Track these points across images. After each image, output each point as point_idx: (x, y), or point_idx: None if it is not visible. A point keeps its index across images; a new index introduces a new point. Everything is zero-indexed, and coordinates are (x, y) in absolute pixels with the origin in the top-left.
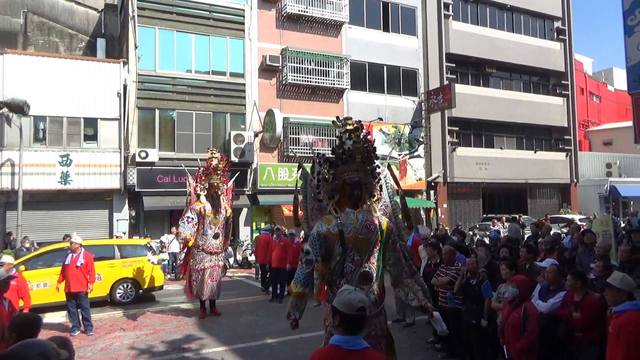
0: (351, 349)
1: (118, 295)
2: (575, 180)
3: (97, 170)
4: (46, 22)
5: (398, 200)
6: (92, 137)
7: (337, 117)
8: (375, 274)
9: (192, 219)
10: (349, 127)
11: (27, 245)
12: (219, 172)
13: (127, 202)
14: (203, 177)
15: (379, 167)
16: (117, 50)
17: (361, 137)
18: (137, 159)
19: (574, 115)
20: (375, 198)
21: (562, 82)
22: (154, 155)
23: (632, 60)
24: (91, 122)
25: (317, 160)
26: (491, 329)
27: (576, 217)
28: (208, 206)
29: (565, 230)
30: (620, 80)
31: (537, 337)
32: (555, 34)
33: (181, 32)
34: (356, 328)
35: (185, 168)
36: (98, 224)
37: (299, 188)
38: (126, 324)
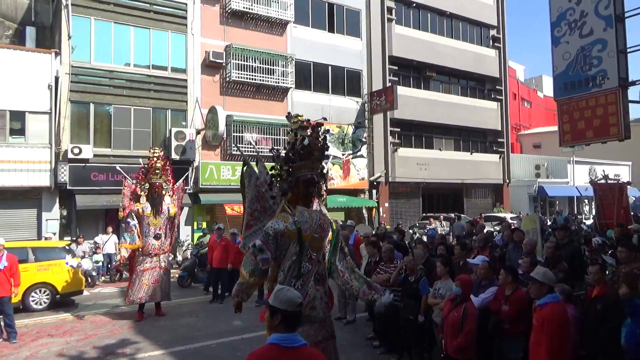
0: (290, 346)
1: (32, 302)
2: (507, 180)
3: (24, 166)
4: None
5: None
6: (19, 131)
7: (289, 113)
8: (326, 275)
9: (135, 225)
10: (302, 124)
11: None
12: (157, 171)
13: (57, 200)
14: (143, 177)
15: (324, 167)
16: (48, 40)
17: (321, 134)
18: (70, 156)
19: (507, 119)
20: (323, 198)
21: (497, 87)
22: (88, 151)
23: (558, 69)
24: (18, 116)
25: (273, 155)
26: (427, 324)
27: (508, 216)
28: (147, 207)
29: (497, 228)
30: (549, 87)
31: (474, 336)
32: (491, 41)
33: (119, 24)
34: (296, 325)
35: (118, 167)
36: (25, 224)
37: (243, 188)
38: (55, 330)
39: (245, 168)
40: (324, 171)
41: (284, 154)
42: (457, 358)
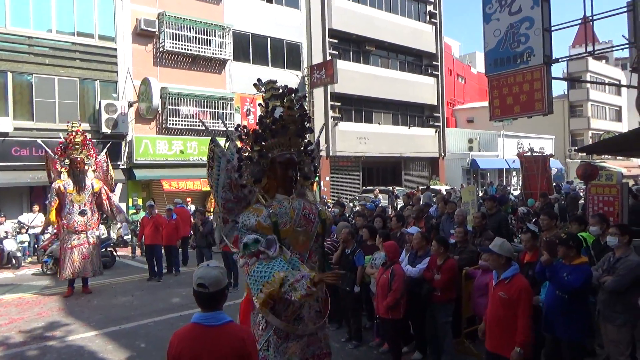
0: (211, 324)
1: None
2: (443, 154)
3: None
4: None
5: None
6: None
7: (259, 80)
8: None
9: (50, 202)
10: (275, 92)
11: None
12: (77, 146)
13: None
14: (63, 153)
15: (311, 143)
16: None
17: (295, 102)
18: None
19: (443, 94)
20: (311, 181)
21: (433, 63)
22: (7, 124)
23: (489, 45)
24: None
25: (239, 134)
26: (364, 295)
27: (443, 188)
28: (69, 184)
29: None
30: (482, 63)
31: (401, 294)
32: (428, 17)
33: None
34: (206, 304)
35: (40, 141)
36: None
37: (209, 173)
38: None
39: (213, 146)
40: (311, 147)
41: (252, 131)
42: (387, 317)
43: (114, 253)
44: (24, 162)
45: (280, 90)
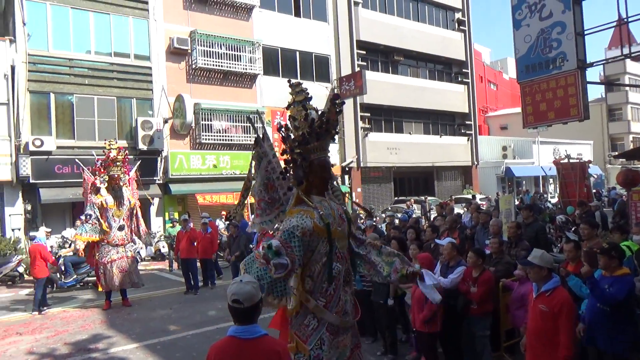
0: (247, 337)
1: None
2: (475, 162)
3: None
4: None
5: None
6: None
7: (289, 81)
8: (352, 273)
9: (90, 215)
10: (306, 94)
11: None
12: (118, 163)
13: (20, 195)
14: (102, 170)
15: None
16: (1, 27)
17: (337, 105)
18: (31, 148)
19: (474, 101)
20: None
21: (463, 70)
22: (50, 143)
23: (520, 52)
24: None
25: (282, 135)
26: (399, 307)
27: (477, 197)
28: (110, 199)
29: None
30: (514, 69)
31: (438, 308)
32: (456, 24)
33: (77, 9)
34: (241, 318)
35: (77, 159)
36: None
37: (252, 172)
38: (23, 328)
39: (257, 147)
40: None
41: (295, 134)
42: (424, 331)
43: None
44: (66, 179)
45: (310, 94)
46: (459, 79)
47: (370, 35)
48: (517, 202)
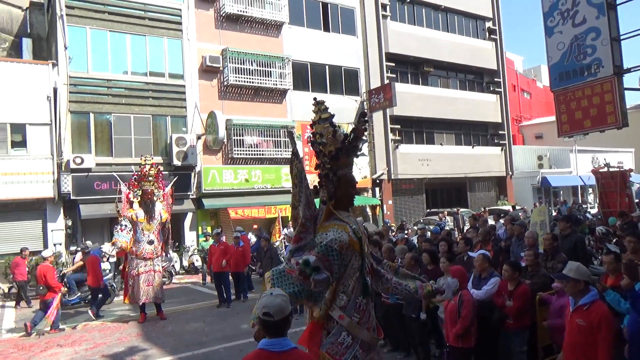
0: (277, 350)
1: None
2: (510, 172)
3: (27, 178)
4: None
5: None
6: (20, 143)
7: (315, 99)
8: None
9: (126, 226)
10: (326, 114)
11: None
12: (150, 178)
13: (62, 211)
14: (135, 184)
15: None
16: (45, 51)
17: (363, 122)
18: (72, 166)
19: (507, 111)
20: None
21: (495, 79)
22: (90, 161)
23: (552, 59)
24: (19, 128)
25: (315, 150)
26: (431, 321)
27: (511, 208)
28: (141, 213)
29: (502, 221)
30: (547, 76)
31: (471, 321)
32: (487, 33)
33: (115, 32)
34: (271, 331)
35: (115, 174)
36: (30, 235)
37: (294, 192)
38: (63, 340)
39: (296, 162)
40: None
41: (326, 149)
42: (457, 346)
43: (112, 286)
44: (104, 195)
45: (333, 113)
46: (491, 89)
47: (399, 47)
48: (554, 213)
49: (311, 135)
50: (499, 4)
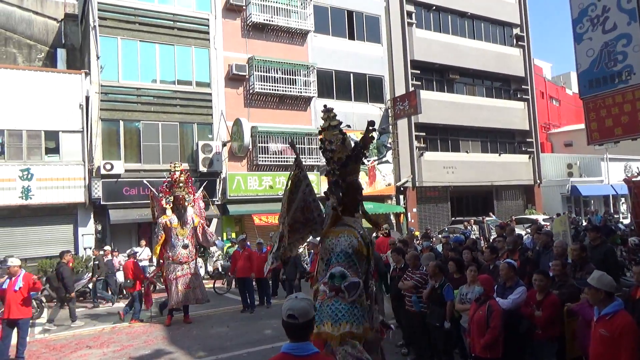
0: (301, 354)
1: None
2: (538, 181)
3: (60, 183)
4: (2, 32)
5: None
6: (54, 150)
7: (325, 106)
8: None
9: (159, 236)
10: (335, 121)
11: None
12: (181, 184)
13: (92, 216)
14: (167, 191)
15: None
16: (78, 61)
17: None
18: (102, 172)
19: (535, 118)
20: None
21: (523, 86)
22: (119, 167)
23: (582, 66)
24: (52, 135)
25: (326, 157)
26: (456, 330)
27: (540, 217)
28: (174, 219)
29: (529, 230)
30: (577, 84)
31: (500, 332)
32: (515, 40)
33: (145, 42)
34: (295, 335)
35: (145, 181)
36: (62, 239)
37: (287, 196)
38: (92, 342)
39: (297, 171)
40: None
41: (335, 156)
42: (485, 357)
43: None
44: (133, 201)
45: (341, 121)
46: (518, 96)
47: (424, 55)
48: (584, 223)
49: (320, 142)
50: (527, 11)
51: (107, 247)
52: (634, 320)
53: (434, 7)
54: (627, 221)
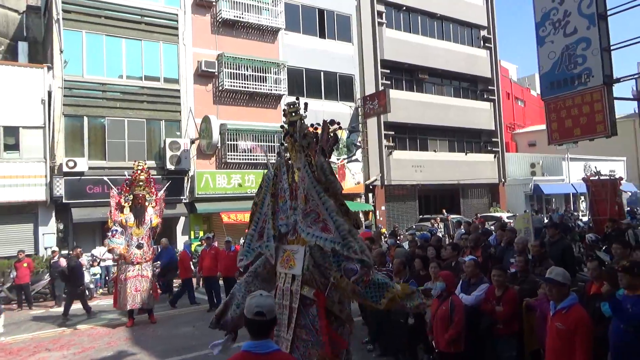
0: (261, 352)
1: None
2: (503, 180)
3: (19, 181)
4: None
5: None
6: (13, 146)
7: (293, 100)
8: None
9: (116, 230)
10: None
11: None
12: (141, 183)
13: (54, 214)
14: (127, 189)
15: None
16: (40, 55)
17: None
18: (65, 169)
19: (501, 118)
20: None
21: (489, 87)
22: (83, 164)
23: (544, 68)
24: (12, 131)
25: (317, 150)
26: (420, 326)
27: (504, 215)
28: (130, 217)
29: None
30: None
31: (463, 327)
32: (482, 42)
33: (111, 37)
34: (260, 332)
35: (106, 178)
36: (22, 239)
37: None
38: (52, 344)
39: (279, 158)
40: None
41: (317, 147)
42: (449, 351)
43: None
44: (97, 199)
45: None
46: (485, 96)
47: (394, 55)
48: (545, 220)
49: (289, 136)
50: (494, 13)
51: (55, 248)
52: (588, 315)
53: (404, 8)
54: (585, 218)
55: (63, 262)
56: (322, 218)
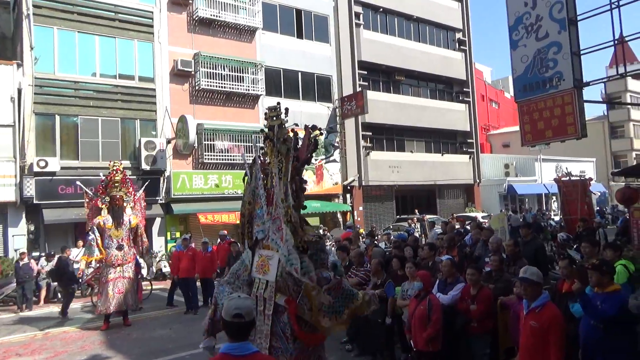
0: (239, 354)
1: None
2: (478, 180)
3: None
4: None
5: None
6: None
7: (278, 103)
8: None
9: (93, 238)
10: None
11: None
12: (116, 184)
13: (24, 215)
14: (103, 191)
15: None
16: (9, 51)
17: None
18: (36, 169)
19: (476, 120)
20: None
21: (464, 89)
22: (54, 164)
23: (517, 71)
24: None
25: (294, 154)
26: (397, 325)
27: (479, 215)
28: (109, 219)
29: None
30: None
31: (441, 325)
32: (457, 44)
33: (83, 33)
34: (238, 334)
35: (78, 182)
36: None
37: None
38: (23, 349)
39: (255, 165)
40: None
41: (306, 155)
42: (427, 350)
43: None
44: (69, 200)
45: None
46: (460, 98)
47: (372, 56)
48: (521, 220)
49: (268, 140)
50: (469, 16)
51: (24, 250)
52: (560, 312)
53: (381, 9)
54: (557, 218)
55: (34, 265)
56: (282, 226)
